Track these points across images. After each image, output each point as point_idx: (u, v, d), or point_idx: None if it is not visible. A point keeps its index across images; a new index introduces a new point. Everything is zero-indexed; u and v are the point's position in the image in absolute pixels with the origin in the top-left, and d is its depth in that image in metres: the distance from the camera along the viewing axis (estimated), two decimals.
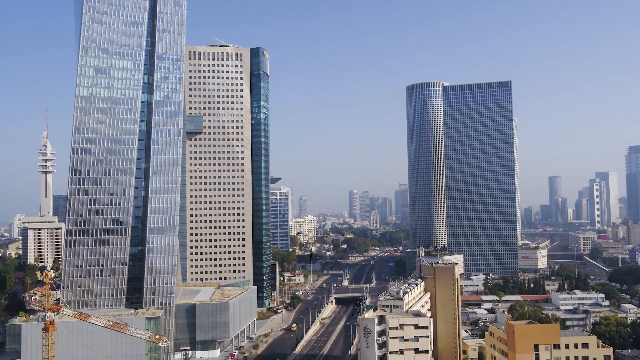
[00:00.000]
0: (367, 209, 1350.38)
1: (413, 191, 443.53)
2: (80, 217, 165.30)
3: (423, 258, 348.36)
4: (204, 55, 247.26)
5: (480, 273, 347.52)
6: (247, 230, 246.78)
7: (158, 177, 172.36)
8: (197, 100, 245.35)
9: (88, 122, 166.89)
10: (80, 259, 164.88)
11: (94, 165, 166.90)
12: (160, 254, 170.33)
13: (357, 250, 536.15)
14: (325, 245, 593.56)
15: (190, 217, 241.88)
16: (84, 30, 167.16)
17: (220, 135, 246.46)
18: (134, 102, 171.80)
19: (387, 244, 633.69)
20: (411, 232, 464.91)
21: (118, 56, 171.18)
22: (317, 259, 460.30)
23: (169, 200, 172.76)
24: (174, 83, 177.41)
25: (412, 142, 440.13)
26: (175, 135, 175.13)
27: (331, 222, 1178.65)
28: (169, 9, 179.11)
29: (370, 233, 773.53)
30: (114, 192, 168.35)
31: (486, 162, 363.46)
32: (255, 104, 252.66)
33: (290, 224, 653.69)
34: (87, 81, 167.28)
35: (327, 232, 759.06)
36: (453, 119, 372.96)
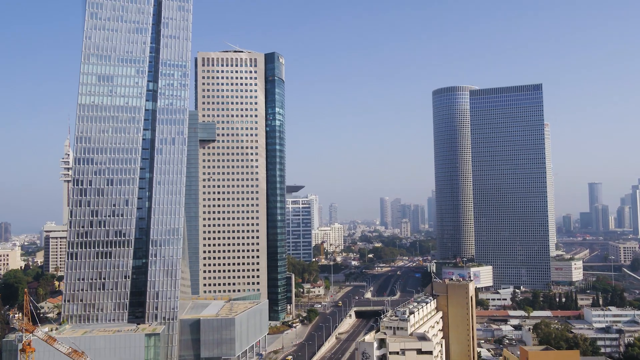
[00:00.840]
0: (399, 217, 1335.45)
1: (440, 199, 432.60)
2: (82, 228, 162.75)
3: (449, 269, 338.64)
4: (217, 61, 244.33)
5: (511, 286, 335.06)
6: (262, 241, 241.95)
7: (162, 188, 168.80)
8: (210, 107, 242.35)
9: (90, 131, 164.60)
10: (82, 272, 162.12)
11: (96, 175, 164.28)
12: (164, 267, 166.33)
13: (384, 260, 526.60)
14: (352, 255, 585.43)
15: (203, 227, 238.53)
16: (86, 37, 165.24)
17: (234, 143, 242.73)
18: (137, 110, 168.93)
19: (417, 253, 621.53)
20: (438, 241, 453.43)
21: (121, 63, 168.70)
22: (341, 269, 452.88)
23: (172, 211, 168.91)
24: (179, 90, 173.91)
25: (438, 148, 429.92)
26: (179, 144, 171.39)
27: (361, 230, 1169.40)
28: (174, 14, 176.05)
29: (400, 242, 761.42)
30: (116, 203, 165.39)
31: (516, 169, 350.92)
32: (270, 110, 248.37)
33: (316, 232, 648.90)
34: (89, 89, 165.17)
35: (355, 241, 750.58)
36: (480, 124, 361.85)
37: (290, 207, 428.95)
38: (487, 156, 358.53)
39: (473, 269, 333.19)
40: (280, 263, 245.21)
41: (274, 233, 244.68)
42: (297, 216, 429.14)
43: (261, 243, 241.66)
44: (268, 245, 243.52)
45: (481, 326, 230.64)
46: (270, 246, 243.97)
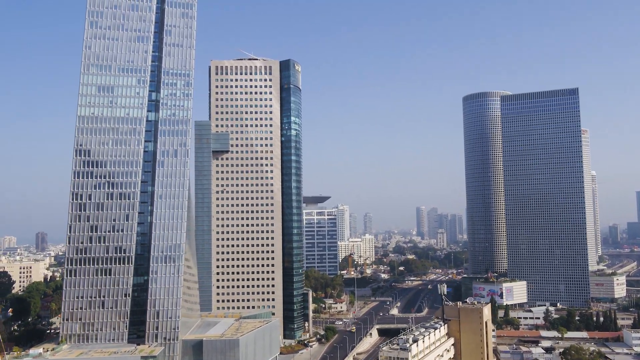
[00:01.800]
0: (435, 227, 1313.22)
1: (471, 209, 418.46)
2: (81, 244, 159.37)
3: (480, 285, 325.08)
4: (231, 69, 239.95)
5: (546, 303, 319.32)
6: (277, 256, 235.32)
7: (163, 202, 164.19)
8: (223, 117, 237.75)
9: (90, 143, 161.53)
10: (81, 289, 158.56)
11: (95, 189, 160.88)
12: (165, 285, 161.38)
13: (415, 273, 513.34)
14: (382, 267, 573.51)
15: (217, 241, 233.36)
16: (85, 47, 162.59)
17: (248, 154, 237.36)
18: (138, 122, 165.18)
19: (451, 265, 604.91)
20: (470, 254, 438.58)
21: (122, 73, 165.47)
22: (369, 282, 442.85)
23: (174, 227, 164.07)
24: (182, 100, 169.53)
25: (469, 156, 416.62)
26: (182, 156, 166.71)
27: (396, 241, 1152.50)
28: (178, 22, 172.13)
29: (434, 253, 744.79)
30: (116, 217, 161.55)
31: (551, 178, 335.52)
32: (286, 119, 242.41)
33: (346, 244, 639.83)
34: (89, 100, 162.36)
35: (387, 253, 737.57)
36: (512, 131, 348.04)
37: (315, 219, 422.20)
38: (520, 165, 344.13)
39: (505, 285, 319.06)
40: (296, 278, 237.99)
41: (290, 247, 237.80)
42: (322, 228, 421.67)
43: (276, 258, 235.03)
44: (284, 260, 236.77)
45: (509, 348, 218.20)
46: (286, 261, 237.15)
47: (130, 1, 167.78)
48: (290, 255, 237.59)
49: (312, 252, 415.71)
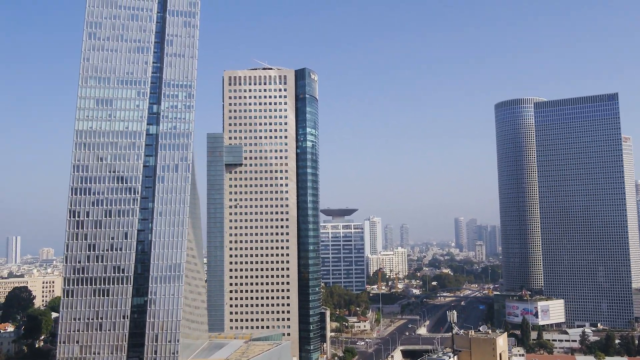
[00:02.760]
0: (475, 238, 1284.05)
1: (505, 222, 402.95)
2: (78, 264, 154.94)
3: (513, 303, 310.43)
4: (245, 80, 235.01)
5: (586, 323, 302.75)
6: (292, 273, 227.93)
7: (163, 219, 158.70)
8: (237, 129, 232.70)
9: (88, 158, 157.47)
10: (78, 311, 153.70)
11: (93, 206, 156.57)
12: (164, 307, 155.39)
13: (448, 288, 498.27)
14: (415, 282, 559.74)
15: (230, 257, 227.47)
16: (83, 59, 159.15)
17: (262, 167, 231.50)
18: (138, 135, 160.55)
19: (488, 280, 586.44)
20: (504, 270, 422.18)
21: (121, 85, 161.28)
22: (398, 298, 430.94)
23: (174, 245, 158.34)
24: (183, 112, 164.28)
25: (502, 166, 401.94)
26: (183, 171, 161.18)
27: (433, 253, 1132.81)
28: (179, 31, 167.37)
29: (471, 267, 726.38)
30: (115, 236, 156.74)
31: (589, 188, 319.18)
32: (301, 131, 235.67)
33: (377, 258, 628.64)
34: (86, 114, 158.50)
35: (421, 266, 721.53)
36: (547, 139, 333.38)
37: (342, 232, 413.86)
38: (556, 175, 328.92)
39: (541, 303, 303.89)
40: (312, 297, 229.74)
41: (306, 264, 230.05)
42: (348, 242, 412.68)
43: (291, 275, 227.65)
44: (299, 278, 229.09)
45: None
46: (302, 279, 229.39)
47: (130, 11, 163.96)
48: (306, 272, 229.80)
49: (338, 267, 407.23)
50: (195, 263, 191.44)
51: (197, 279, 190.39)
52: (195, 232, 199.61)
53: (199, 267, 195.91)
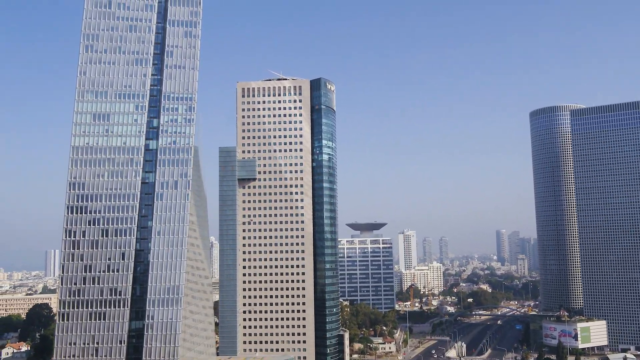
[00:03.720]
0: (517, 251, 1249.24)
1: (542, 236, 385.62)
2: (74, 285, 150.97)
3: (551, 324, 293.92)
4: (258, 91, 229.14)
5: (631, 346, 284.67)
6: (308, 293, 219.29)
7: (161, 239, 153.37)
8: (250, 142, 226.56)
9: (84, 176, 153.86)
10: (74, 335, 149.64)
11: (90, 225, 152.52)
12: (162, 332, 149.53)
13: (485, 305, 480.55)
14: (450, 299, 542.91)
15: (243, 276, 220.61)
16: (80, 73, 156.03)
17: (276, 182, 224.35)
18: (136, 151, 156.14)
19: (528, 296, 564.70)
20: (542, 287, 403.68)
21: (119, 99, 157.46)
22: (430, 316, 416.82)
23: (173, 266, 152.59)
24: (183, 126, 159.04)
25: (538, 177, 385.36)
26: (183, 187, 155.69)
27: (473, 267, 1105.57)
28: (180, 42, 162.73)
29: (511, 282, 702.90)
30: (111, 256, 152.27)
31: (631, 201, 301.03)
32: (317, 143, 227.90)
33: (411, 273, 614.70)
34: (83, 129, 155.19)
35: (458, 282, 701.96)
36: (585, 149, 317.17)
37: (370, 248, 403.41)
38: (594, 186, 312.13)
39: (580, 325, 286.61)
40: (329, 318, 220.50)
41: (322, 283, 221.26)
42: (377, 257, 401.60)
43: (307, 295, 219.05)
44: (315, 298, 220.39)
45: None
46: (318, 299, 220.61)
47: (128, 22, 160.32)
48: (322, 292, 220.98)
49: (366, 283, 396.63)
50: (202, 283, 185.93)
51: (203, 300, 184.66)
52: (203, 250, 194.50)
53: (205, 287, 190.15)
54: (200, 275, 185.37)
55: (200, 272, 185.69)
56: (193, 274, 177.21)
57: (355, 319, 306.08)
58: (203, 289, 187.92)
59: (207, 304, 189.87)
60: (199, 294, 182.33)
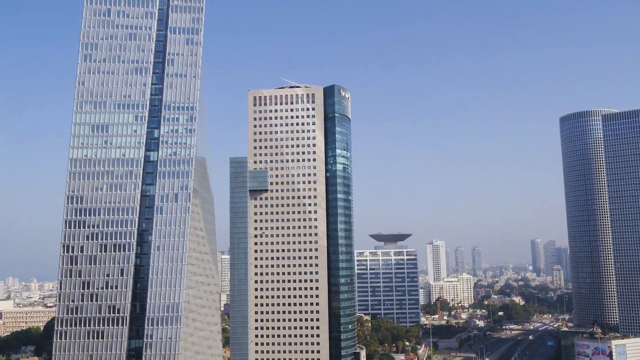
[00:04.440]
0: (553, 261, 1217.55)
1: (574, 246, 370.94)
2: (72, 303, 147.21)
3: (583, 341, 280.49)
4: (270, 99, 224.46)
5: None
6: (322, 309, 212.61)
7: (161, 254, 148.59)
8: (262, 152, 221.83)
9: (83, 189, 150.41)
10: (71, 354, 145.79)
11: (88, 240, 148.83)
12: (161, 352, 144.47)
13: (516, 319, 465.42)
14: (480, 312, 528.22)
15: (255, 291, 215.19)
16: (78, 83, 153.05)
17: (289, 193, 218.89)
18: (135, 163, 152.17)
19: (563, 309, 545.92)
20: (575, 301, 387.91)
21: (118, 109, 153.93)
22: (458, 331, 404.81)
23: (173, 283, 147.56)
24: (184, 137, 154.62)
25: (569, 185, 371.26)
26: (183, 200, 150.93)
27: (506, 278, 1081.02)
28: (181, 49, 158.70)
29: (546, 294, 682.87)
30: (110, 272, 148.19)
31: None
32: (331, 152, 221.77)
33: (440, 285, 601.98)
34: (81, 141, 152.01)
35: (489, 294, 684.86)
36: (618, 155, 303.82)
37: (393, 259, 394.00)
38: (628, 194, 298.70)
39: (615, 342, 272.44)
40: (345, 336, 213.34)
41: (337, 299, 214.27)
42: (401, 269, 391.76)
43: (321, 311, 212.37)
44: (330, 314, 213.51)
45: None
46: (333, 315, 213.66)
47: (128, 30, 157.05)
48: (337, 308, 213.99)
49: (390, 297, 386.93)
50: (208, 298, 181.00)
51: (209, 316, 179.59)
52: (211, 264, 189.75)
53: (212, 303, 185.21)
54: (206, 290, 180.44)
55: (206, 287, 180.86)
56: (199, 289, 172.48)
57: (376, 335, 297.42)
58: (209, 304, 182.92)
59: (214, 320, 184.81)
60: (206, 309, 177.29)
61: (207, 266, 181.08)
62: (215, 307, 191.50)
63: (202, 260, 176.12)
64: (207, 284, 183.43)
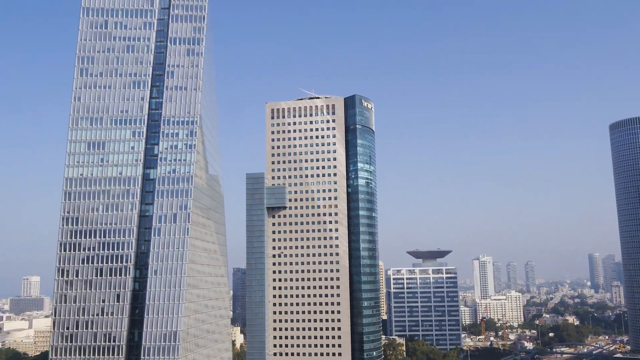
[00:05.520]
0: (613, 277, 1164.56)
1: (627, 262, 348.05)
2: (67, 330, 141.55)
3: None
4: (288, 111, 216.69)
5: None
6: (344, 334, 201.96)
7: (158, 279, 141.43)
8: (280, 167, 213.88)
9: (78, 210, 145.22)
10: None
11: (84, 264, 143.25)
12: None
13: (568, 341, 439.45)
14: (529, 332, 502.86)
15: (274, 314, 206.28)
16: (74, 99, 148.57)
17: (308, 210, 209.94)
18: (132, 181, 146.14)
19: (621, 330, 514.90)
20: (630, 322, 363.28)
21: (115, 125, 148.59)
22: (504, 354, 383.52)
23: (170, 310, 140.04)
24: (183, 153, 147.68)
25: (620, 195, 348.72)
26: (182, 221, 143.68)
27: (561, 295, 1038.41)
28: (182, 60, 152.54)
29: (603, 313, 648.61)
30: (106, 298, 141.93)
31: None
32: (352, 167, 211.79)
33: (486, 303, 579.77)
34: (77, 159, 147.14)
35: (540, 313, 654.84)
36: None
37: (432, 278, 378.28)
38: None
39: None
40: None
41: (359, 324, 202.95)
42: (440, 288, 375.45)
43: (343, 337, 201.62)
44: (353, 340, 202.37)
45: None
46: (356, 340, 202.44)
47: (126, 42, 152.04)
48: (360, 333, 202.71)
49: (428, 318, 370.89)
50: (218, 324, 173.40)
51: (219, 342, 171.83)
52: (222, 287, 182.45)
53: (223, 328, 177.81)
54: (216, 315, 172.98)
55: (216, 311, 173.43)
56: (208, 313, 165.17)
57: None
58: (219, 329, 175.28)
59: (224, 346, 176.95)
60: (215, 335, 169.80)
61: (217, 289, 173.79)
62: (226, 332, 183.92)
63: (212, 283, 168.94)
64: (218, 307, 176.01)
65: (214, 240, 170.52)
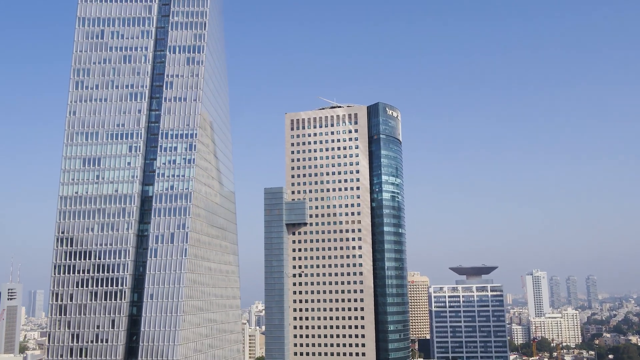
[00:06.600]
0: None
1: None
2: (60, 358, 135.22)
3: None
4: (309, 122, 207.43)
5: None
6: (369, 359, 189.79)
7: (154, 303, 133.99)
8: (300, 181, 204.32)
9: (73, 230, 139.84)
10: None
11: (78, 287, 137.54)
12: None
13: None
14: (587, 354, 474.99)
15: (294, 338, 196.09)
16: (69, 113, 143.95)
17: (330, 227, 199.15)
18: (129, 199, 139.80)
19: None
20: None
21: (111, 140, 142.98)
22: None
23: (166, 337, 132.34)
24: (182, 168, 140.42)
25: None
26: (180, 241, 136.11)
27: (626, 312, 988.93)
28: (181, 70, 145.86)
29: None
30: (101, 323, 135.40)
31: None
32: (376, 179, 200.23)
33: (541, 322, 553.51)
34: (72, 177, 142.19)
35: (600, 332, 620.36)
36: None
37: (476, 296, 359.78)
38: None
39: None
40: None
41: (385, 349, 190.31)
42: (485, 307, 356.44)
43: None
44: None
45: None
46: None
47: (122, 52, 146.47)
48: (385, 358, 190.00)
49: (472, 338, 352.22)
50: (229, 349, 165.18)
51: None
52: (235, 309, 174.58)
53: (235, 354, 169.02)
54: (229, 339, 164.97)
55: (228, 335, 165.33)
56: (220, 338, 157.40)
57: None
58: (232, 355, 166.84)
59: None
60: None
61: (226, 312, 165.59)
62: (239, 358, 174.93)
63: (220, 305, 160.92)
64: (230, 331, 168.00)
65: (222, 260, 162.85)
